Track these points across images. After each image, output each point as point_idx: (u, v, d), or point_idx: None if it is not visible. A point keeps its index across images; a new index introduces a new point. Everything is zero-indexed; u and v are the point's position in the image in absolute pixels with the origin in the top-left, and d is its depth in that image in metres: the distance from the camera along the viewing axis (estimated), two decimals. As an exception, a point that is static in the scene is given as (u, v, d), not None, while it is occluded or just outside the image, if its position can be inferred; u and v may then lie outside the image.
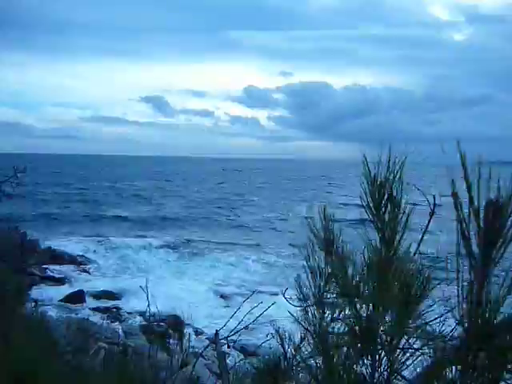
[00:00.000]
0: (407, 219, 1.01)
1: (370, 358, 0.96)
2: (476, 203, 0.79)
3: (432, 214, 1.07)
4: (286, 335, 1.25)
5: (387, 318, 0.95)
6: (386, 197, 1.00)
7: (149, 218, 32.72)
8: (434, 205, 1.07)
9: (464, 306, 0.84)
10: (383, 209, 1.00)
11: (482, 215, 0.79)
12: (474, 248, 0.82)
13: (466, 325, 0.83)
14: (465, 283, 0.84)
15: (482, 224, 0.79)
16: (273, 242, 26.79)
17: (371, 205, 1.01)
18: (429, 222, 1.08)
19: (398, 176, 0.99)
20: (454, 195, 0.81)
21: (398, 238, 1.00)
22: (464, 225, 0.81)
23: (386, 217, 1.00)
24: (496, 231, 0.78)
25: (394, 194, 1.00)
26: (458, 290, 0.85)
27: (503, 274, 0.87)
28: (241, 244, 26.16)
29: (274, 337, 1.27)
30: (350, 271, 1.04)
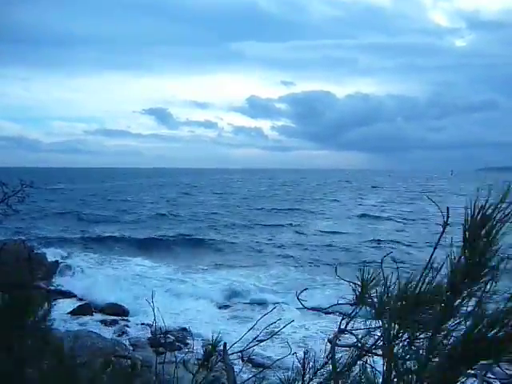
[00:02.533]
0: (496, 253, 0.99)
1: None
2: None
3: (445, 225, 1.06)
4: (309, 355, 1.21)
5: None
6: (483, 232, 0.99)
7: (153, 237, 32.30)
8: (448, 216, 1.06)
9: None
10: (476, 241, 1.00)
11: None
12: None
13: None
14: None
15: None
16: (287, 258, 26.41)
17: (467, 233, 1.01)
18: (442, 233, 1.06)
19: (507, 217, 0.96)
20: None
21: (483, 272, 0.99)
22: None
23: (477, 248, 0.99)
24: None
25: (493, 232, 0.99)
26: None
27: None
28: (249, 260, 26.06)
29: (295, 354, 1.23)
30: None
